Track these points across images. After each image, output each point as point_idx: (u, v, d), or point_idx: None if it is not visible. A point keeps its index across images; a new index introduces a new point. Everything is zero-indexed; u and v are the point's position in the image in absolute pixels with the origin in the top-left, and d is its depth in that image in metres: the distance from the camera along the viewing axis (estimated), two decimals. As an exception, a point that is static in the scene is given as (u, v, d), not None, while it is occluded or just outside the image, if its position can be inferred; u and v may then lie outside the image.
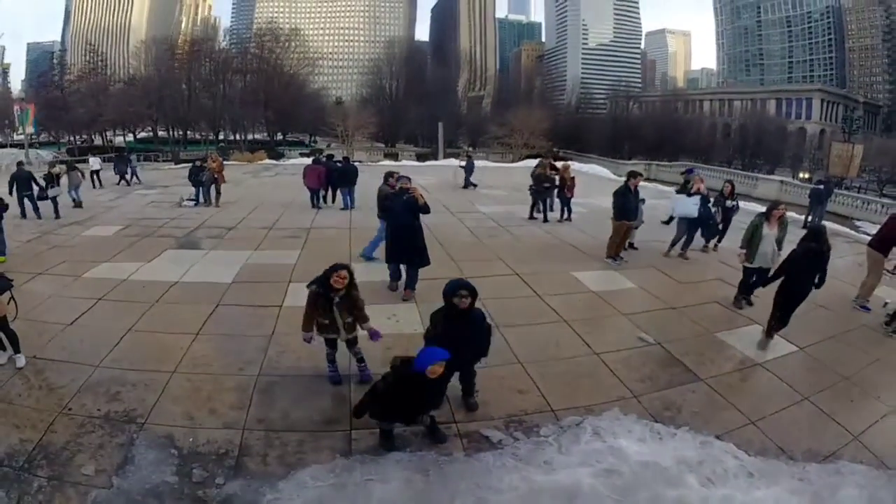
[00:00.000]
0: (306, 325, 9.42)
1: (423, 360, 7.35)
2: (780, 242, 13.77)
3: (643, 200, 19.39)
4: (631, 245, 19.57)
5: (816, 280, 11.85)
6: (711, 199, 19.57)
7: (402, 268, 14.33)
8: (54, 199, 25.08)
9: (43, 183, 24.86)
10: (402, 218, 13.69)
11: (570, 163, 30.57)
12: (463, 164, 37.05)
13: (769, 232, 13.46)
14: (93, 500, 7.08)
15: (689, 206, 18.34)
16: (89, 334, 11.66)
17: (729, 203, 19.96)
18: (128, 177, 38.34)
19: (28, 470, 7.52)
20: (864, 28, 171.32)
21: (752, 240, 13.69)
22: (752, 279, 13.92)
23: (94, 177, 36.26)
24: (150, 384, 9.62)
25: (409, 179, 14.45)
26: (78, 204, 26.84)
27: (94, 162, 38.89)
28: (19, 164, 27.63)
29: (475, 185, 34.50)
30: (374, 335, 9.50)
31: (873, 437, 9.14)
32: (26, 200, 24.45)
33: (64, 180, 27.07)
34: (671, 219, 20.28)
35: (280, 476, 7.53)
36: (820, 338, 12.15)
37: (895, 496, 7.94)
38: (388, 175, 16.98)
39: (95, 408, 8.91)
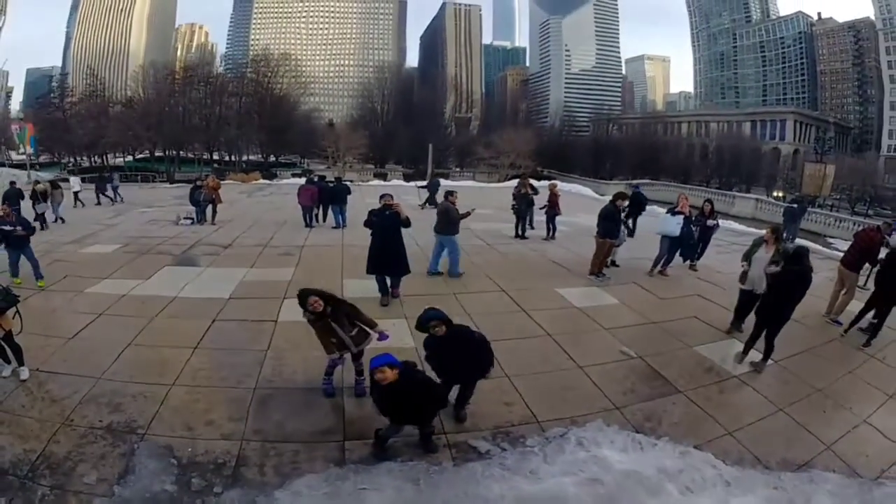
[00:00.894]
0: (327, 350, 9.51)
1: (372, 365, 7.73)
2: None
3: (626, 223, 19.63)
4: (612, 262, 19.51)
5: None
6: (693, 218, 19.69)
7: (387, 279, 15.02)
8: (42, 215, 26.12)
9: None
10: (386, 231, 14.41)
11: (556, 182, 30.62)
12: (423, 184, 37.10)
13: (764, 255, 13.31)
14: (94, 507, 7.12)
15: (672, 226, 18.43)
16: (91, 348, 11.67)
17: (710, 222, 19.95)
18: (110, 195, 38.36)
19: (32, 479, 7.54)
20: (835, 53, 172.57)
21: (750, 256, 13.62)
22: (743, 302, 13.78)
23: (75, 197, 36.22)
24: (150, 396, 9.65)
25: (392, 196, 14.96)
26: (62, 221, 27.20)
27: (75, 182, 39.09)
28: (12, 182, 29.99)
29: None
30: (382, 336, 9.63)
31: (845, 446, 9.22)
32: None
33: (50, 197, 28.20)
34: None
35: (276, 485, 7.57)
36: (794, 351, 12.21)
37: (864, 502, 8.03)
38: (448, 193, 18.45)
39: (97, 419, 8.93)
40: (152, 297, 15.12)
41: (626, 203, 18.15)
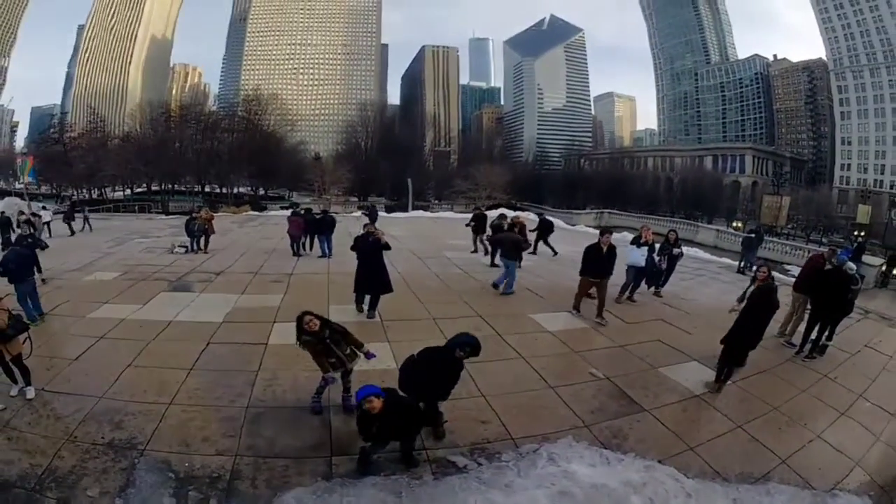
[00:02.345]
0: (323, 369, 9.59)
1: (358, 396, 7.92)
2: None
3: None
4: (630, 299, 19.16)
5: None
6: (657, 248, 19.82)
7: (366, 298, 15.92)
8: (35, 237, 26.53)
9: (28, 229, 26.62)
10: (369, 255, 15.50)
11: (506, 212, 30.72)
12: (366, 211, 37.25)
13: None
14: (97, 520, 7.17)
15: (637, 257, 18.54)
16: (93, 369, 11.70)
17: (675, 251, 19.96)
18: (75, 225, 37.85)
19: (38, 491, 7.63)
20: (790, 92, 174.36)
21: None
22: None
23: (46, 226, 36.26)
24: (149, 414, 9.69)
25: (374, 226, 16.69)
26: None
27: (45, 214, 39.16)
28: (1, 212, 32.76)
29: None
30: (369, 355, 9.82)
31: (800, 460, 9.40)
32: (10, 238, 28.29)
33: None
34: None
35: (267, 498, 7.68)
36: (752, 372, 12.29)
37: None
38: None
39: (99, 435, 8.99)
40: (150, 322, 15.08)
41: (608, 240, 16.88)
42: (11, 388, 10.25)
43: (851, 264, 15.24)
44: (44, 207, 47.04)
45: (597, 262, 16.47)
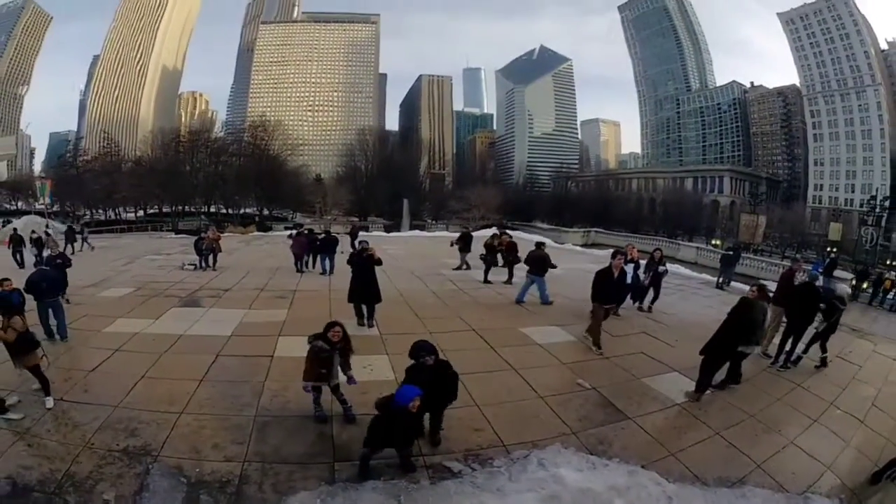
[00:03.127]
0: (308, 377, 9.71)
1: (405, 397, 7.88)
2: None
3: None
4: (615, 314, 18.69)
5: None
6: (642, 265, 19.87)
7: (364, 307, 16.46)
8: (40, 256, 29.99)
9: (32, 247, 31.58)
10: (364, 269, 16.09)
11: (505, 232, 30.72)
12: (348, 230, 37.22)
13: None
14: (114, 522, 7.24)
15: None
16: (108, 380, 11.77)
17: (660, 268, 19.97)
18: (76, 245, 37.12)
19: (58, 495, 7.68)
20: (765, 116, 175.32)
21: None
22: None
23: (66, 244, 36.67)
24: (162, 423, 9.73)
25: (368, 243, 17.01)
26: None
27: (52, 231, 40.26)
28: (14, 229, 35.63)
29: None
30: (350, 380, 9.87)
31: (775, 465, 9.45)
32: (19, 255, 30.21)
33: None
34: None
35: (274, 502, 7.74)
36: (723, 375, 12.31)
37: (793, 515, 8.24)
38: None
39: (115, 442, 9.04)
40: (162, 335, 15.13)
41: (620, 263, 15.70)
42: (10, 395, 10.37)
43: (845, 286, 15.42)
44: (46, 226, 47.29)
45: (609, 287, 15.21)
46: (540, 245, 21.42)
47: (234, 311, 18.31)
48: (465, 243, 28.77)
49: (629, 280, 18.44)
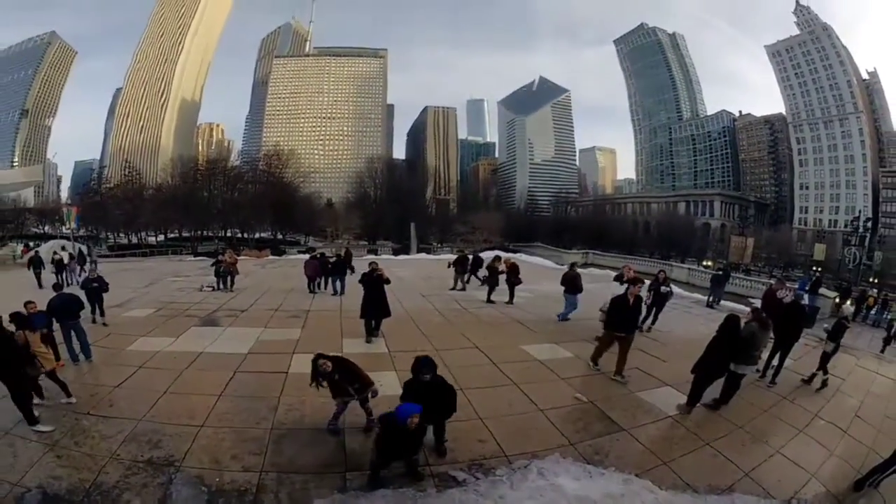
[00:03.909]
0: (334, 397, 9.99)
1: (404, 414, 8.02)
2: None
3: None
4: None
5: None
6: (645, 284, 19.75)
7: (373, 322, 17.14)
8: (59, 276, 30.98)
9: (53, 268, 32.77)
10: (373, 287, 16.79)
11: (501, 254, 30.70)
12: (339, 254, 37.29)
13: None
14: (138, 529, 7.34)
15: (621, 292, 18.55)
16: (133, 395, 11.88)
17: (663, 289, 19.71)
18: (86, 268, 36.67)
19: (86, 502, 7.84)
20: (753, 143, 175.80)
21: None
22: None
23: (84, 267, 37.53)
24: (184, 435, 9.85)
25: (377, 264, 17.64)
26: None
27: (64, 254, 41.16)
28: (36, 251, 36.97)
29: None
30: (374, 393, 10.04)
31: (761, 473, 9.51)
32: (39, 277, 30.94)
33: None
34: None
35: (290, 509, 7.76)
36: (718, 395, 12.35)
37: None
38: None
39: (139, 454, 9.17)
40: (183, 353, 15.22)
41: (637, 290, 14.80)
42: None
43: (848, 307, 15.52)
44: (63, 248, 47.66)
45: (624, 314, 14.26)
46: (573, 265, 22.55)
47: (250, 329, 18.36)
48: (462, 265, 29.12)
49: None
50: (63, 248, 43.00)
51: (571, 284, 20.67)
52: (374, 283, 16.91)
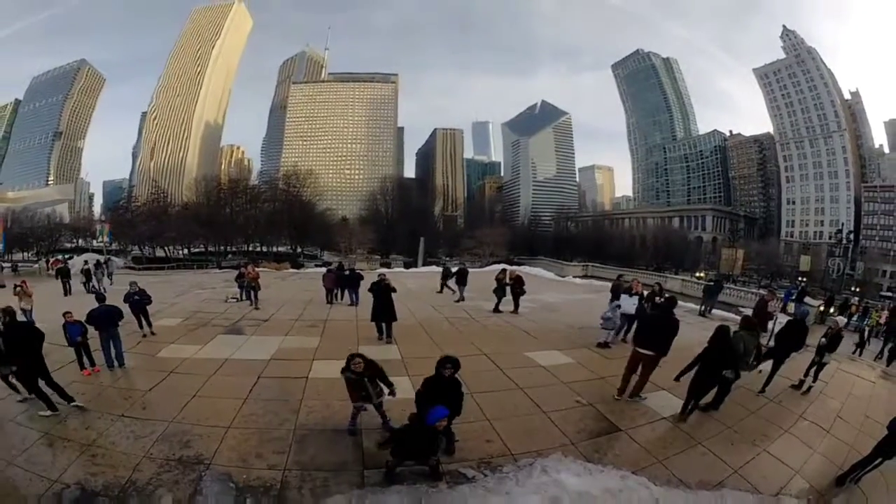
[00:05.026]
0: (352, 399, 10.08)
1: (434, 417, 8.34)
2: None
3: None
4: (623, 340, 18.50)
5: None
6: (645, 294, 19.87)
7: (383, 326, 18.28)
8: (88, 284, 33.71)
9: (83, 277, 34.69)
10: (382, 295, 18.19)
11: (507, 267, 30.91)
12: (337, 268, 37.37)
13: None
14: (172, 522, 7.55)
15: (629, 305, 18.52)
16: (164, 398, 12.11)
17: (658, 300, 19.68)
18: (95, 282, 36.70)
19: (122, 498, 8.04)
20: (743, 161, 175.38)
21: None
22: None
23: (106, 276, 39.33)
24: (212, 435, 10.05)
25: (385, 275, 19.83)
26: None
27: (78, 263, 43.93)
28: (66, 261, 41.08)
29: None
30: (392, 393, 10.15)
31: (749, 470, 9.64)
32: (67, 285, 32.54)
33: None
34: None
35: (311, 503, 8.05)
36: (709, 397, 12.39)
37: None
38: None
39: (171, 453, 9.38)
40: (210, 359, 15.45)
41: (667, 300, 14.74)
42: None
43: (841, 318, 15.64)
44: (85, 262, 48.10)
45: (655, 331, 12.68)
46: (620, 277, 24.51)
47: (272, 338, 18.53)
48: (461, 276, 29.41)
49: (633, 311, 18.54)
50: (86, 262, 43.12)
51: (616, 293, 20.86)
52: (383, 291, 18.25)
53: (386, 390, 10.17)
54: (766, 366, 14.52)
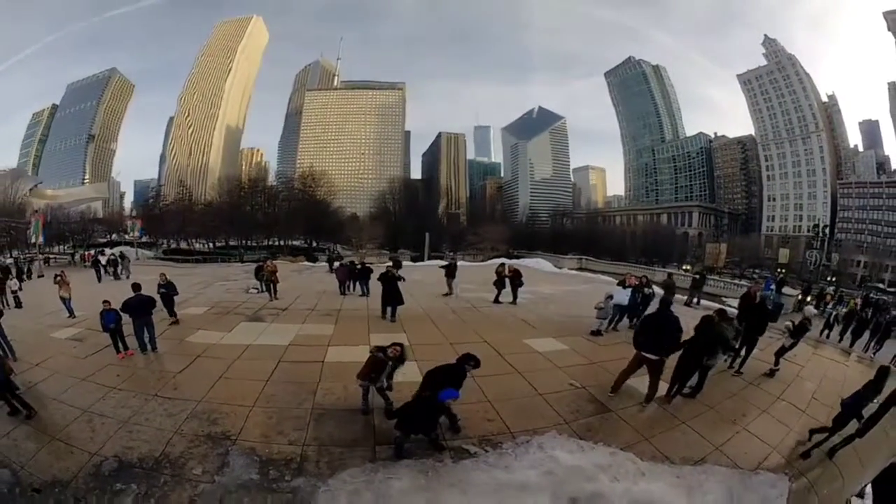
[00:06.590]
0: (360, 376, 10.29)
1: (447, 396, 8.88)
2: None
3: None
4: (615, 329, 18.96)
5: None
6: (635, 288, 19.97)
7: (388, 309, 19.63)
8: (116, 272, 35.98)
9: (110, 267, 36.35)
10: (389, 283, 19.67)
11: (506, 261, 30.98)
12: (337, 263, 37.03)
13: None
14: (201, 491, 7.94)
15: (623, 296, 18.74)
16: (193, 380, 12.33)
17: (646, 290, 19.72)
18: (119, 270, 37.35)
19: (156, 470, 8.35)
20: (727, 161, 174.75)
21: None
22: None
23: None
24: (238, 414, 10.31)
25: (391, 266, 21.00)
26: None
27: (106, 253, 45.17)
28: (98, 252, 42.61)
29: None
30: (389, 387, 10.47)
31: (730, 447, 9.86)
32: (101, 273, 34.69)
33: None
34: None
35: (328, 475, 8.34)
36: (693, 382, 12.48)
37: (744, 487, 8.57)
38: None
39: (200, 429, 9.66)
40: (234, 345, 15.64)
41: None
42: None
43: (812, 308, 15.69)
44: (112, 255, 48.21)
45: (656, 333, 11.65)
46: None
47: (291, 325, 18.65)
48: (450, 270, 28.72)
49: (626, 302, 18.73)
50: (112, 255, 43.15)
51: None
52: (390, 280, 19.69)
53: (386, 383, 10.40)
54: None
